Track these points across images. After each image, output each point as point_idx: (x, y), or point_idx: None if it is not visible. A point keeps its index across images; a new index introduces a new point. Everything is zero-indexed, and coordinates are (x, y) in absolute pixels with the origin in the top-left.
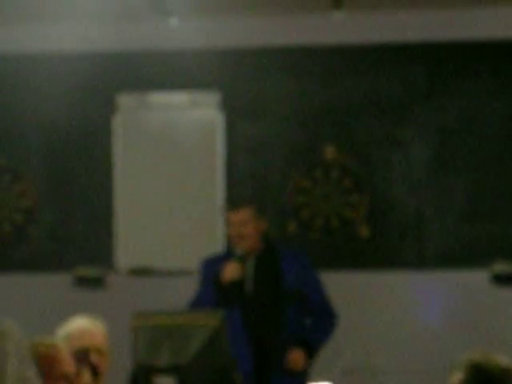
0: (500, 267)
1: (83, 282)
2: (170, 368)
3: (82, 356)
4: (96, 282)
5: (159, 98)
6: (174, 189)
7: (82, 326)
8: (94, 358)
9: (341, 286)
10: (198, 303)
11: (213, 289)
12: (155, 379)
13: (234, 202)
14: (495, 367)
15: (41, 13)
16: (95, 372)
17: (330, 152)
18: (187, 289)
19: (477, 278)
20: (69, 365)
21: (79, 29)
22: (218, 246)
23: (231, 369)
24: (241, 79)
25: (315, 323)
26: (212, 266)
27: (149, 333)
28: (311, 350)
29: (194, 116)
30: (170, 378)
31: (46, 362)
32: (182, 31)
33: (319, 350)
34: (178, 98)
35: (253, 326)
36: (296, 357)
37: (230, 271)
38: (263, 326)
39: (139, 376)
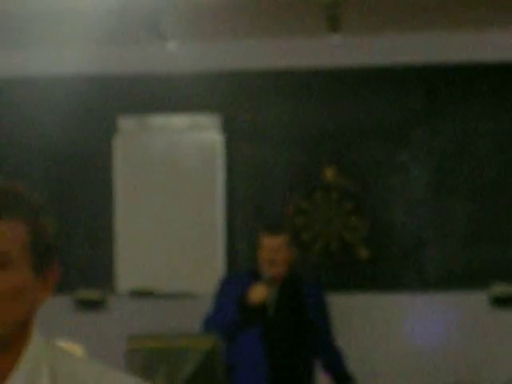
0: (499, 289)
1: (84, 304)
2: None
3: None
4: (97, 305)
5: (160, 120)
6: (175, 211)
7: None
8: None
9: (341, 309)
10: (217, 321)
11: (235, 308)
12: None
13: (273, 226)
14: None
15: (41, 36)
16: None
17: (329, 174)
18: (188, 311)
19: (477, 300)
20: None
21: (79, 52)
22: (218, 269)
23: None
24: (241, 102)
25: (334, 353)
26: (233, 284)
27: (143, 356)
28: (346, 379)
29: (195, 138)
30: None
31: None
32: (182, 54)
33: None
34: (179, 120)
35: (272, 348)
36: None
37: (259, 293)
38: (283, 351)
39: None
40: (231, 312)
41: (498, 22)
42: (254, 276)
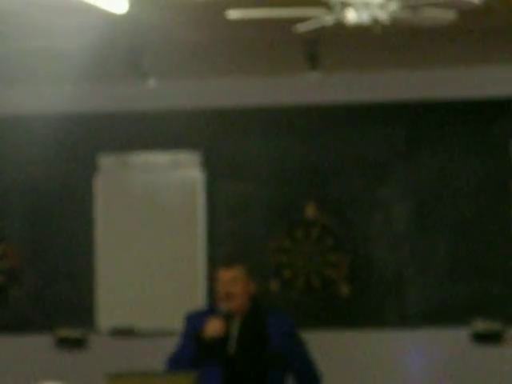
0: (481, 326)
1: (65, 342)
2: None
3: None
4: (78, 343)
5: (140, 158)
6: (156, 249)
7: None
8: None
9: (322, 345)
10: (177, 358)
11: (193, 344)
12: None
13: (226, 259)
14: None
15: (21, 74)
16: None
17: (310, 211)
18: (170, 349)
19: (458, 337)
20: None
21: (59, 90)
22: (200, 306)
23: None
24: (221, 139)
25: (308, 375)
26: (194, 321)
27: None
28: None
29: (176, 176)
30: None
31: None
32: (162, 92)
33: None
34: (159, 158)
35: None
36: None
37: (213, 328)
38: None
39: None
40: (189, 349)
41: (479, 60)
42: (213, 311)
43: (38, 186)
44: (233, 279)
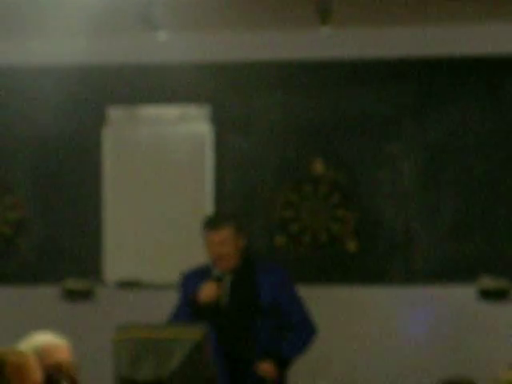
0: (487, 282)
1: (71, 294)
2: (152, 382)
3: (57, 371)
4: (84, 295)
5: (149, 111)
6: (163, 202)
7: (49, 342)
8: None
9: (328, 301)
10: (175, 318)
11: (188, 307)
12: None
13: (213, 220)
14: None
15: (30, 27)
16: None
17: (318, 167)
18: (175, 302)
19: (464, 293)
20: (37, 373)
21: (69, 42)
22: (206, 259)
23: (213, 382)
24: (230, 93)
25: (291, 337)
26: (190, 281)
27: (131, 346)
28: (282, 362)
29: (184, 130)
30: None
31: (15, 370)
32: (172, 45)
33: (291, 362)
34: (168, 111)
35: (227, 343)
36: (266, 367)
37: (207, 292)
38: (238, 343)
39: None
40: (184, 312)
41: (489, 16)
42: (209, 271)
43: (47, 138)
44: (222, 241)
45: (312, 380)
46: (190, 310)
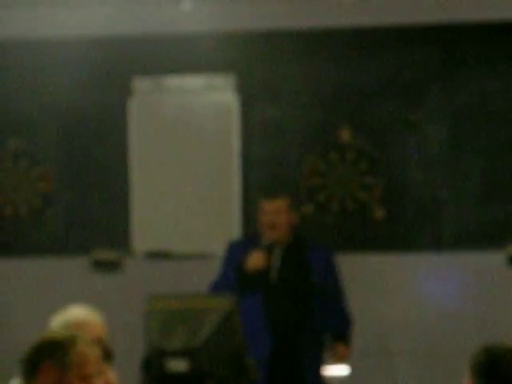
0: None
1: (100, 265)
2: (183, 351)
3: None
4: (113, 266)
5: (174, 81)
6: (190, 172)
7: (82, 317)
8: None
9: (356, 269)
10: (219, 285)
11: (234, 274)
12: (168, 363)
13: (270, 191)
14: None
15: None
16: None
17: (345, 135)
18: (204, 272)
19: (493, 260)
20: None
21: (93, 14)
22: (234, 230)
23: (243, 353)
24: (255, 62)
25: (337, 314)
26: (236, 250)
27: (162, 316)
28: (348, 341)
29: (210, 99)
30: (183, 362)
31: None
32: (196, 15)
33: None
34: (194, 81)
35: (274, 314)
36: (342, 350)
37: (255, 260)
38: (285, 314)
39: (152, 359)
40: (230, 278)
41: None
42: (256, 242)
43: (73, 109)
44: (276, 210)
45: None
46: (236, 277)
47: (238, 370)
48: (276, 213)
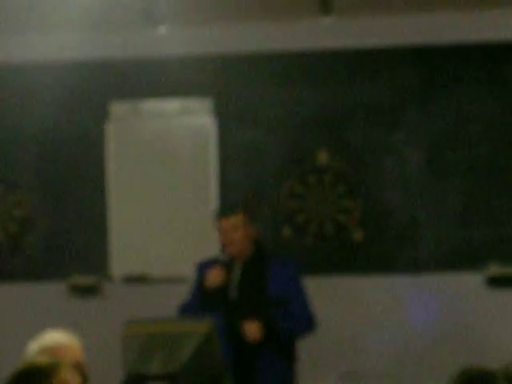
0: (495, 270)
1: (78, 290)
2: (162, 376)
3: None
4: (91, 291)
5: (151, 105)
6: (168, 196)
7: (59, 341)
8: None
9: (334, 291)
10: (185, 307)
11: (198, 293)
12: None
13: (225, 208)
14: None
15: (31, 23)
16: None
17: (322, 157)
18: (183, 296)
19: (472, 281)
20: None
21: (70, 37)
22: (212, 253)
23: (222, 374)
24: (232, 85)
25: (289, 317)
26: (203, 269)
27: (140, 341)
28: (269, 326)
29: (187, 123)
30: None
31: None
32: (173, 38)
33: (281, 335)
34: (170, 105)
35: (235, 331)
36: (251, 326)
37: (213, 277)
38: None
39: None
40: (196, 298)
41: (493, 2)
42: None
43: (50, 133)
44: (232, 226)
45: (319, 371)
46: (198, 296)
47: None
48: (232, 229)
